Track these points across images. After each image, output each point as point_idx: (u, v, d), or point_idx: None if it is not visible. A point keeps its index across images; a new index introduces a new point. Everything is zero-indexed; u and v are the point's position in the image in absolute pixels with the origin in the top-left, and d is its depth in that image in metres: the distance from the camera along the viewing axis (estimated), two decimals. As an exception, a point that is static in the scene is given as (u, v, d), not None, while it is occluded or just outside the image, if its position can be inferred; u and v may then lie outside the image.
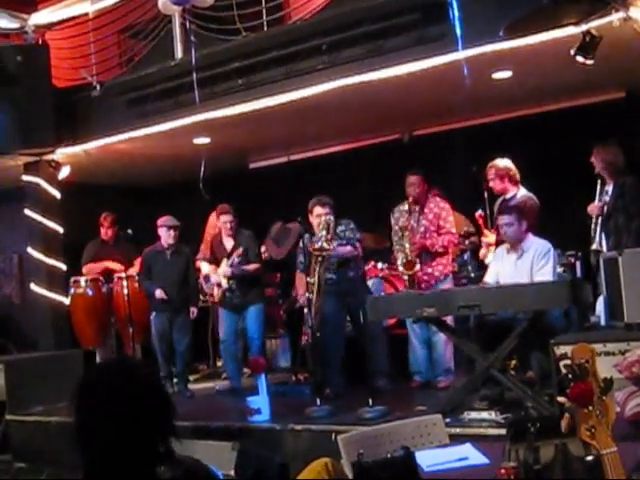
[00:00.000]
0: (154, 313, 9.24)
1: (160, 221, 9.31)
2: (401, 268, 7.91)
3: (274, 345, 10.47)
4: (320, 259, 7.64)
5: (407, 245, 7.89)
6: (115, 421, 2.33)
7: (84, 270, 10.05)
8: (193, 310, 9.45)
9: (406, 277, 7.90)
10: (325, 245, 7.64)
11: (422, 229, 8.04)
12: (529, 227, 6.97)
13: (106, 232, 10.16)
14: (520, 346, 6.39)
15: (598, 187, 7.26)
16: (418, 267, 7.82)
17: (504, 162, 7.73)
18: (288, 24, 8.64)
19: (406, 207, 8.16)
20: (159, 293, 9.07)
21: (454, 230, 8.18)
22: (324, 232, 7.71)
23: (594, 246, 7.24)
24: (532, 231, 7.00)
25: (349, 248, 8.01)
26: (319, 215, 7.91)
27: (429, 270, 8.01)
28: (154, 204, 11.46)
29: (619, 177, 7.13)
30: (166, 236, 9.24)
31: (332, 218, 7.84)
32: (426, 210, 8.12)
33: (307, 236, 8.02)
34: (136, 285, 9.57)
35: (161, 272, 9.25)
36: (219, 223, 9.14)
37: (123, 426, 2.34)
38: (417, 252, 7.90)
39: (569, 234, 8.03)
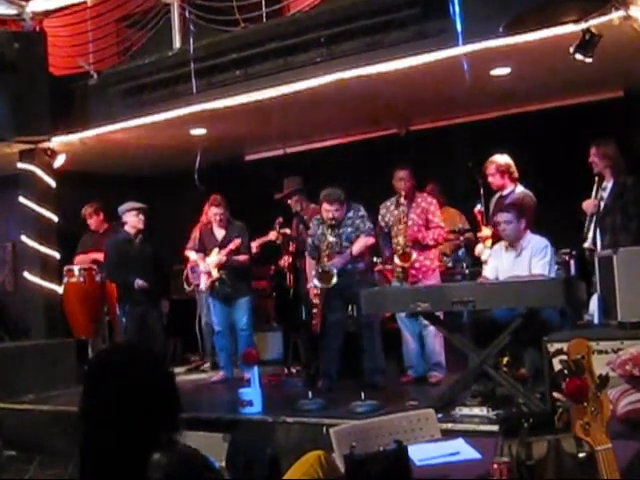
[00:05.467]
0: (126, 307, 8.86)
1: (125, 206, 9.04)
2: (397, 260, 7.92)
3: (267, 338, 10.46)
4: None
5: (401, 238, 7.91)
6: (120, 405, 2.34)
7: (75, 261, 10.04)
8: (165, 304, 9.27)
9: (399, 269, 7.92)
10: (326, 268, 7.77)
11: (410, 222, 8.05)
12: (528, 225, 6.96)
13: (93, 222, 10.06)
14: (513, 343, 6.39)
15: (595, 184, 7.23)
16: (414, 256, 7.84)
17: (504, 158, 7.73)
18: (287, 16, 8.62)
19: (391, 202, 8.20)
20: (140, 283, 8.72)
21: (443, 224, 8.21)
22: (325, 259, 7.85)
23: (587, 244, 7.22)
24: (529, 228, 6.99)
25: (361, 242, 7.95)
26: (327, 211, 7.94)
27: (416, 265, 8.01)
28: (149, 194, 11.44)
29: (620, 175, 7.11)
30: (136, 221, 8.91)
31: (335, 240, 7.90)
32: (414, 204, 8.13)
33: (316, 222, 8.16)
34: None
35: (132, 262, 8.84)
36: (209, 214, 9.10)
37: (128, 410, 2.35)
38: (411, 245, 7.91)
39: (564, 232, 8.02)
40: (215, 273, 8.92)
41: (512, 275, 6.76)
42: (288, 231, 9.13)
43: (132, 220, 8.95)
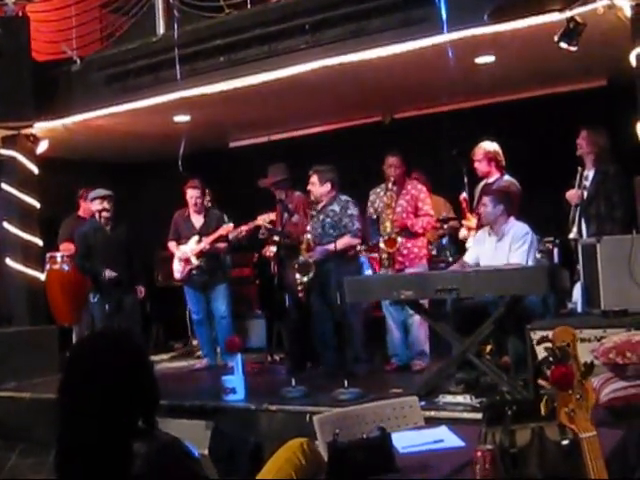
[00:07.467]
0: (97, 297, 8.72)
1: (92, 194, 8.90)
2: (382, 245, 7.91)
3: (250, 325, 10.45)
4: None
5: (388, 223, 7.90)
6: (100, 392, 2.33)
7: (60, 248, 9.94)
8: (141, 290, 9.05)
9: (385, 255, 7.91)
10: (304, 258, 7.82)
11: (399, 209, 8.04)
12: (511, 212, 6.95)
13: (85, 208, 9.92)
14: (496, 331, 6.41)
15: (578, 174, 7.23)
16: (400, 241, 7.83)
17: (493, 145, 7.73)
18: (271, 3, 8.56)
19: (381, 189, 8.19)
20: (109, 273, 8.57)
21: (432, 212, 8.21)
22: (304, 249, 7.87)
23: (572, 235, 7.22)
24: (514, 217, 6.99)
25: (346, 241, 7.96)
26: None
27: (404, 252, 8.01)
28: (132, 181, 11.42)
29: (602, 163, 7.13)
30: (100, 209, 8.74)
31: (309, 236, 7.96)
32: (404, 191, 8.14)
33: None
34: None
35: (104, 250, 8.70)
36: (187, 197, 9.07)
37: (107, 398, 2.34)
38: (398, 231, 7.91)
39: (548, 220, 8.04)
40: (195, 261, 8.89)
41: (493, 262, 6.76)
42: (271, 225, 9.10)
43: (98, 208, 8.78)
